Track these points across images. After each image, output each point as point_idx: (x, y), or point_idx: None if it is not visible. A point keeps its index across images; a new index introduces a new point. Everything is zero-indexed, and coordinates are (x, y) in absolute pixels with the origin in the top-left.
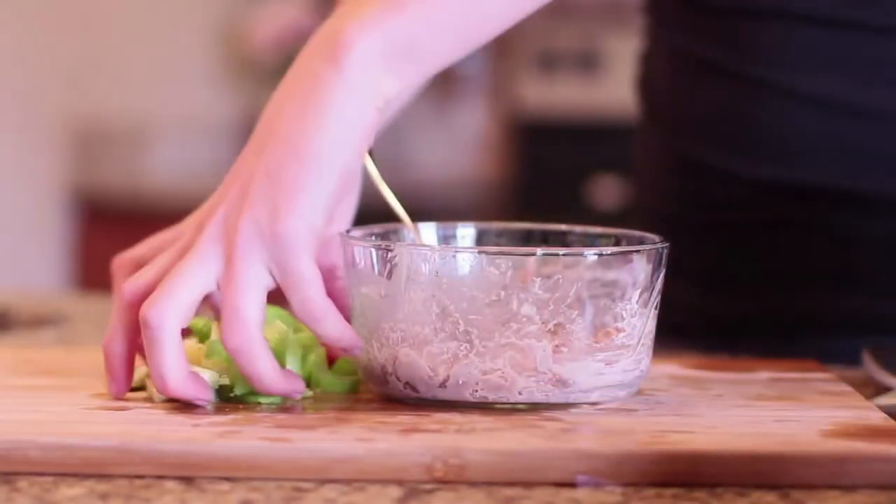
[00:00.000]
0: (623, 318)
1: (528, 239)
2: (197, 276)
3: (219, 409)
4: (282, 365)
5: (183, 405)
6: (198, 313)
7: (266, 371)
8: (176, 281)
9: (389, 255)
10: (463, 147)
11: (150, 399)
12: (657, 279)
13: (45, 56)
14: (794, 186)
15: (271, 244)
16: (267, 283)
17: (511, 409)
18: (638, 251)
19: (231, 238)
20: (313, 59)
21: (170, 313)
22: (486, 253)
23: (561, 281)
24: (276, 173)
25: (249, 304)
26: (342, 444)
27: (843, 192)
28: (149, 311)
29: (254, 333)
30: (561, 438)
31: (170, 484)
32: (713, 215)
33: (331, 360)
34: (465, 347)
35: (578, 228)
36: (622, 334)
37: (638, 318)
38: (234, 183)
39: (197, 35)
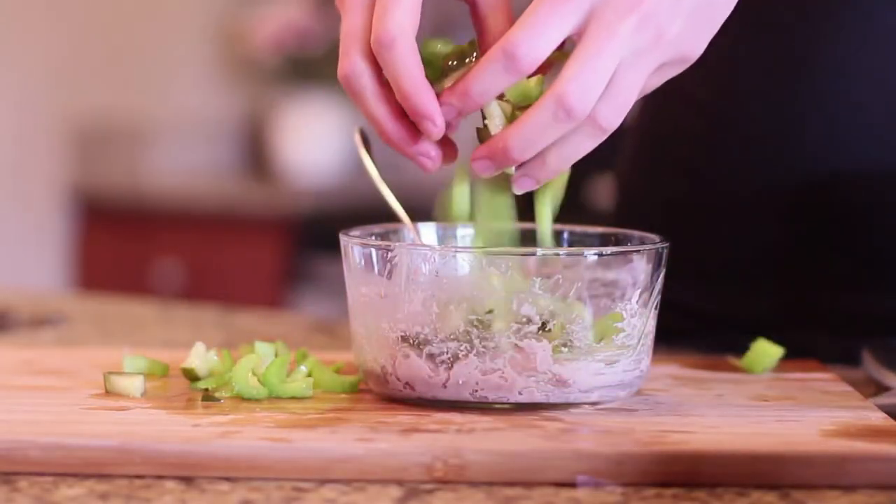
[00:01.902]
0: (623, 318)
1: (528, 239)
2: None
3: (219, 409)
4: (285, 373)
5: (182, 406)
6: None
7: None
8: None
9: (389, 255)
10: (463, 147)
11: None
12: (657, 279)
13: (45, 56)
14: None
15: None
16: None
17: (511, 409)
18: (638, 251)
19: None
20: None
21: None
22: (486, 253)
23: (561, 281)
24: None
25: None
26: (342, 444)
27: (861, 178)
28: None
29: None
30: (561, 438)
31: (170, 484)
32: (717, 197)
33: None
34: (465, 347)
35: (578, 228)
36: (622, 334)
37: (638, 318)
38: None
39: (197, 35)
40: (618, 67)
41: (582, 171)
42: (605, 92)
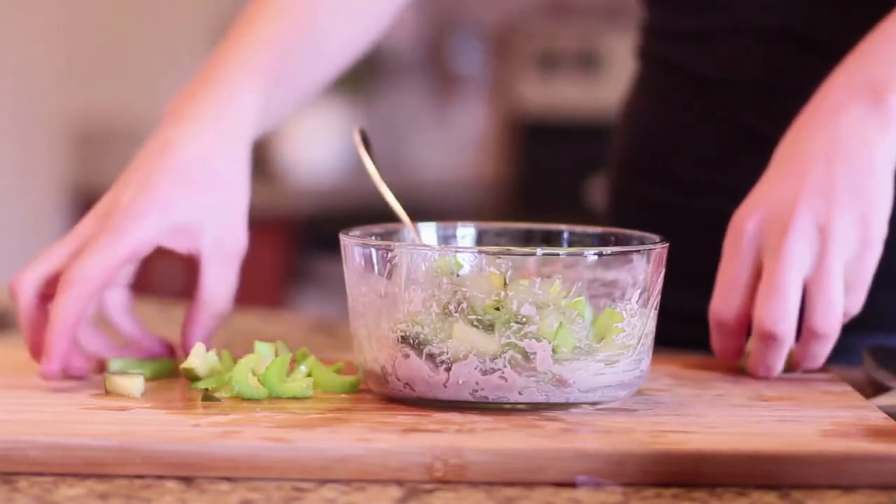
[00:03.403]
0: (623, 318)
1: (528, 239)
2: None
3: (219, 409)
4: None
5: (182, 406)
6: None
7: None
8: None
9: (389, 255)
10: (463, 147)
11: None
12: (657, 279)
13: (46, 55)
14: None
15: None
16: None
17: (511, 409)
18: (638, 251)
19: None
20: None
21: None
22: (486, 253)
23: (561, 281)
24: None
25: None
26: (342, 444)
27: None
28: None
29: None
30: (561, 438)
31: (170, 484)
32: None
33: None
34: (465, 347)
35: (578, 228)
36: (622, 334)
37: (638, 318)
38: None
39: (197, 35)
40: (810, 280)
41: (583, 172)
42: (813, 302)
